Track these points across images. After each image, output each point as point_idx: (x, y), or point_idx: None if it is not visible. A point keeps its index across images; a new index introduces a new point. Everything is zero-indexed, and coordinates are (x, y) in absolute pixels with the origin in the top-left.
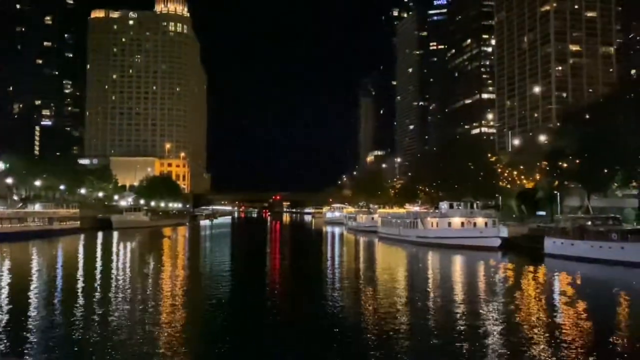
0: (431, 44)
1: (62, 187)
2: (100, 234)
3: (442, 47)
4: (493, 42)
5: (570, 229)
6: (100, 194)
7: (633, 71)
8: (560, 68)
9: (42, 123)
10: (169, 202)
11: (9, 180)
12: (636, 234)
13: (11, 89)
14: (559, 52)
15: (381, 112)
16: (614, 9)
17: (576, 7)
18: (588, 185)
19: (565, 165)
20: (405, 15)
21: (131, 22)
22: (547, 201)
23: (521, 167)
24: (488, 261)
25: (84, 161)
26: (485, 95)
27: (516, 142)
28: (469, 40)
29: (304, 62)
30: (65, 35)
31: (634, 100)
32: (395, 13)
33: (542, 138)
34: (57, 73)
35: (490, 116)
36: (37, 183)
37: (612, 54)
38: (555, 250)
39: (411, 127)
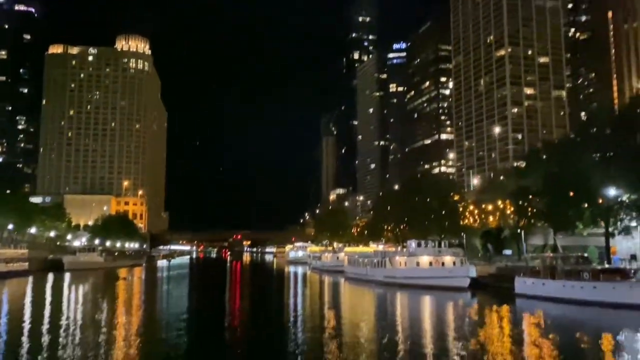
0: (391, 85)
1: (10, 226)
2: (50, 276)
3: (402, 88)
4: (451, 84)
5: (540, 268)
6: (53, 234)
7: (582, 113)
8: (515, 110)
9: None
10: (125, 242)
11: None
12: (608, 273)
13: None
14: (514, 95)
15: (343, 150)
16: (564, 55)
17: (529, 52)
18: (555, 223)
19: (530, 204)
20: (366, 58)
21: (90, 58)
22: (512, 240)
23: (485, 205)
24: (458, 302)
25: (36, 199)
26: (444, 136)
27: (476, 181)
28: (427, 83)
29: (266, 100)
30: (21, 70)
31: (594, 139)
32: (356, 56)
33: (506, 177)
34: (10, 108)
35: (450, 156)
36: None
37: (563, 97)
38: (526, 290)
39: (372, 166)
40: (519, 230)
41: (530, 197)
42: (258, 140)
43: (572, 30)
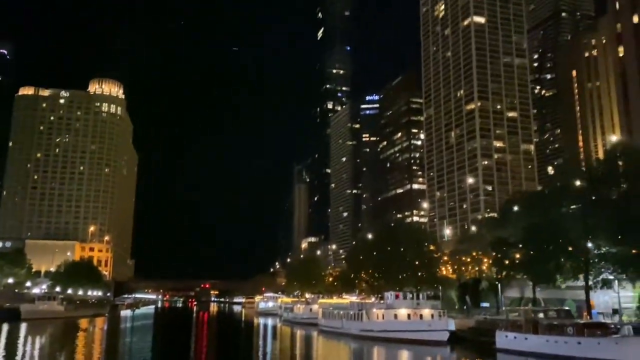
0: (364, 135)
1: None
2: (5, 327)
3: (374, 138)
4: (422, 135)
5: (522, 322)
6: (11, 280)
7: (550, 168)
8: (485, 162)
9: None
10: (88, 290)
11: None
12: (591, 327)
13: None
14: (484, 147)
15: (315, 198)
16: (531, 111)
17: (498, 107)
18: (535, 276)
19: (509, 255)
20: (339, 108)
21: (62, 100)
22: (490, 292)
23: (463, 257)
24: (436, 357)
25: None
26: (415, 186)
27: (448, 231)
28: (399, 134)
29: (239, 147)
30: None
31: (567, 192)
32: (330, 105)
33: (482, 227)
34: None
35: (422, 205)
36: None
37: (532, 151)
38: (508, 345)
39: (345, 214)
40: (496, 283)
41: (509, 248)
42: (229, 187)
43: (538, 87)
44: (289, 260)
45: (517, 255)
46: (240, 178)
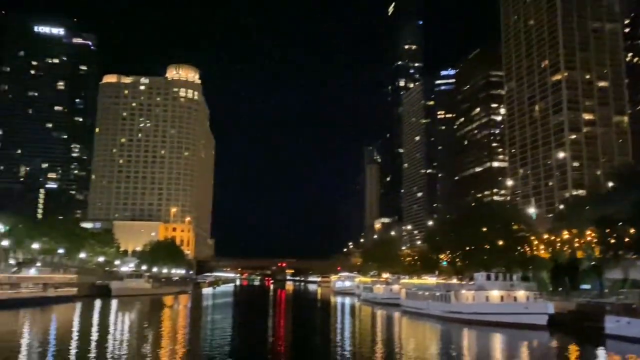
0: (438, 112)
1: (61, 250)
2: (97, 303)
3: (450, 115)
4: (502, 110)
5: (637, 306)
6: (101, 259)
7: None
8: (574, 136)
9: (47, 186)
10: (172, 268)
11: (5, 243)
12: None
13: (19, 151)
14: (571, 120)
15: (387, 179)
16: (624, 80)
17: (587, 77)
18: None
19: (617, 233)
20: (412, 85)
21: (142, 87)
22: (591, 273)
23: (557, 235)
24: (533, 342)
25: (87, 225)
26: (495, 164)
27: (532, 210)
28: (477, 109)
29: (310, 128)
30: (76, 100)
31: None
32: (402, 83)
33: (581, 205)
34: (66, 137)
35: (504, 184)
36: (35, 246)
37: (625, 123)
38: (619, 330)
39: (419, 194)
40: (600, 263)
41: (616, 226)
42: (303, 169)
43: (631, 54)
44: (362, 240)
45: (629, 233)
46: (314, 159)
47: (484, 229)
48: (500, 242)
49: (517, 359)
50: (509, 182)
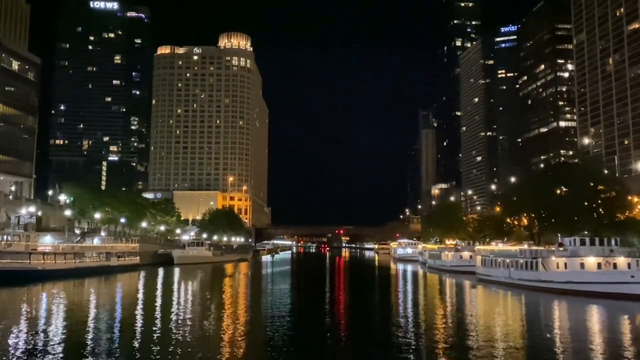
0: (499, 72)
1: (123, 220)
2: (160, 271)
3: (511, 74)
4: (569, 66)
5: None
6: (162, 228)
7: None
8: None
9: (109, 159)
10: (231, 236)
11: (68, 213)
12: None
13: (81, 126)
14: None
15: (444, 143)
16: None
17: None
18: None
19: None
20: (469, 45)
21: (195, 57)
22: None
23: None
24: None
25: (148, 195)
26: (563, 123)
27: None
28: (542, 66)
29: (363, 93)
30: (133, 73)
31: None
32: (458, 43)
33: None
34: (124, 110)
35: (577, 143)
36: (98, 215)
37: None
38: None
39: (478, 158)
40: None
41: None
42: (356, 134)
43: None
44: (419, 207)
45: None
46: (368, 124)
47: (572, 190)
48: (590, 204)
49: (622, 334)
50: (585, 141)
